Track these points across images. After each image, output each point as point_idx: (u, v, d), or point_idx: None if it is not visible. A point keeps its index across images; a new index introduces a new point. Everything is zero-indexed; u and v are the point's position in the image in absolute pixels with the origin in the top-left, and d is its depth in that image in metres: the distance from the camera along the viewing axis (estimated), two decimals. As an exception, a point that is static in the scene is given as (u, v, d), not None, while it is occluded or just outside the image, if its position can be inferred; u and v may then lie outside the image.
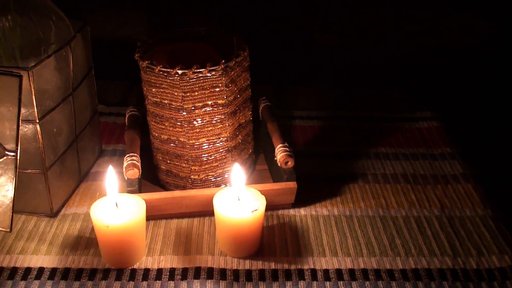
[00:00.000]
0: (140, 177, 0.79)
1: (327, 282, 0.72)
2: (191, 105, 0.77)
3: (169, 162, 0.83)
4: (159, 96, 0.78)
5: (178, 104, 0.77)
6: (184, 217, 0.81)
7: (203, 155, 0.81)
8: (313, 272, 0.73)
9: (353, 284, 0.72)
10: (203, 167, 0.82)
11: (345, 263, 0.75)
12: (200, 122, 0.78)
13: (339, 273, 0.73)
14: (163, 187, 0.86)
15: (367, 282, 0.72)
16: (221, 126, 0.79)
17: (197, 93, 0.76)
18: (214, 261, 0.74)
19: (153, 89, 0.78)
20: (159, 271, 0.73)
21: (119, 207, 0.72)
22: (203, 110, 0.78)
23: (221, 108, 0.78)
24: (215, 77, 0.76)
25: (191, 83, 0.75)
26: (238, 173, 0.74)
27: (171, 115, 0.78)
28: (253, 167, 0.90)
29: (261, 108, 0.93)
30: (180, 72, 0.74)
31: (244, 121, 0.83)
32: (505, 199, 0.89)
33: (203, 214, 0.81)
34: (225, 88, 0.77)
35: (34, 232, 0.78)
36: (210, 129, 0.79)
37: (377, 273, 0.73)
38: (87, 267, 0.73)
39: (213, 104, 0.78)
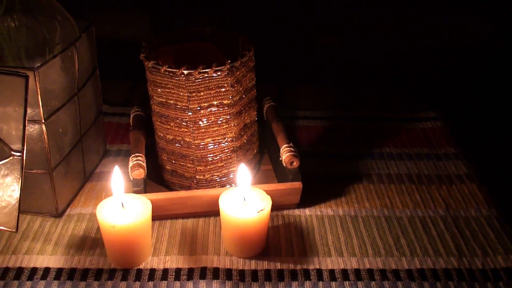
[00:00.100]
0: (145, 177, 0.79)
1: (333, 282, 0.72)
2: (196, 105, 0.77)
3: (174, 162, 0.83)
4: (165, 96, 0.78)
5: (183, 104, 0.77)
6: (189, 217, 0.81)
7: (209, 155, 0.81)
8: (319, 272, 0.73)
9: (359, 284, 0.72)
10: (208, 167, 0.82)
11: (351, 263, 0.75)
12: (205, 122, 0.78)
13: (344, 273, 0.73)
14: (168, 187, 0.86)
15: (373, 282, 0.72)
16: (227, 126, 0.79)
17: (202, 93, 0.76)
18: (219, 261, 0.74)
19: (159, 89, 0.78)
20: (165, 271, 0.73)
21: (125, 207, 0.72)
22: (209, 110, 0.78)
23: (226, 108, 0.78)
24: (220, 77, 0.76)
25: (197, 83, 0.75)
26: (244, 173, 0.74)
27: (177, 115, 0.78)
28: (258, 167, 0.90)
29: (265, 108, 0.93)
30: (186, 72, 0.74)
31: (249, 121, 0.83)
32: (509, 199, 0.89)
33: (208, 214, 0.81)
34: (230, 88, 0.77)
35: (39, 232, 0.78)
36: (215, 129, 0.79)
37: (383, 273, 0.73)
38: (93, 267, 0.73)
39: (218, 104, 0.78)
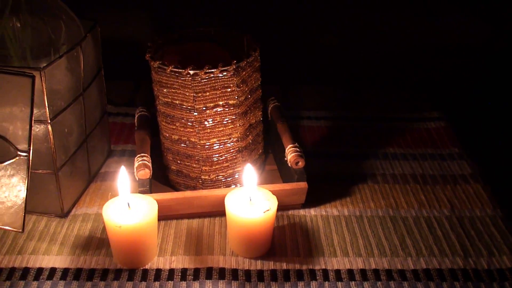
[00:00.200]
0: (151, 177, 0.79)
1: (339, 282, 0.72)
2: (202, 106, 0.77)
3: (179, 162, 0.83)
4: (170, 96, 0.78)
5: (189, 104, 0.77)
6: (194, 217, 0.81)
7: (214, 156, 0.81)
8: (325, 272, 0.73)
9: (365, 284, 0.72)
10: (213, 168, 0.82)
11: (357, 263, 0.75)
12: (211, 122, 0.78)
13: (350, 273, 0.73)
14: (173, 187, 0.86)
15: (379, 282, 0.72)
16: (232, 126, 0.79)
17: (208, 94, 0.76)
18: (225, 261, 0.74)
19: (164, 90, 0.78)
20: (171, 271, 0.73)
21: (131, 207, 0.72)
22: (214, 110, 0.78)
23: (232, 108, 0.78)
24: (226, 77, 0.76)
25: (203, 83, 0.75)
26: (249, 173, 0.74)
27: (182, 116, 0.78)
28: (263, 167, 0.90)
29: (270, 108, 0.93)
30: (191, 72, 0.74)
31: (254, 121, 0.83)
32: (514, 199, 0.89)
33: (213, 214, 0.81)
34: (236, 88, 0.77)
35: (45, 232, 0.78)
36: (221, 129, 0.79)
37: (389, 273, 0.73)
38: (99, 268, 0.73)
39: (224, 104, 0.78)
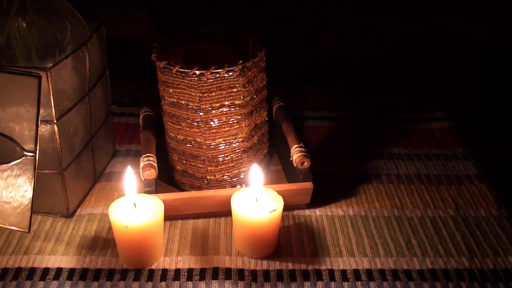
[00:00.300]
0: (156, 177, 0.79)
1: (345, 282, 0.72)
2: (208, 106, 0.77)
3: (185, 162, 0.83)
4: (176, 96, 0.78)
5: (195, 104, 0.77)
6: (199, 218, 0.81)
7: (220, 156, 0.81)
8: (331, 272, 0.73)
9: (371, 284, 0.72)
10: (219, 168, 0.82)
11: (362, 264, 0.75)
12: (217, 122, 0.78)
13: (356, 273, 0.73)
14: (178, 187, 0.86)
15: (385, 282, 0.72)
16: (238, 126, 0.80)
17: (214, 94, 0.76)
18: (231, 262, 0.74)
19: (170, 90, 0.78)
20: (177, 271, 0.73)
21: (137, 207, 0.72)
22: (220, 110, 0.78)
23: (238, 108, 0.78)
24: (232, 77, 0.76)
25: (209, 83, 0.75)
26: (256, 173, 0.74)
27: (188, 116, 0.78)
28: (268, 167, 0.90)
29: (274, 108, 0.93)
30: (198, 72, 0.74)
31: (260, 121, 0.84)
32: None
33: (218, 214, 0.81)
34: (242, 88, 0.77)
35: (50, 232, 0.78)
36: (226, 129, 0.79)
37: (395, 273, 0.73)
38: (105, 268, 0.73)
39: (230, 104, 0.78)
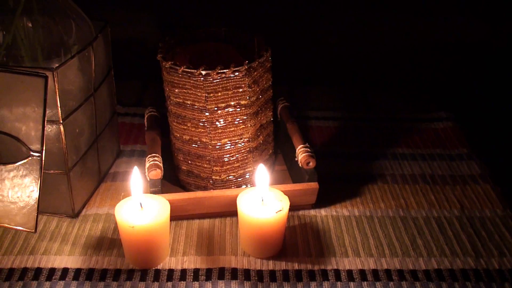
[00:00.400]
0: (162, 177, 0.79)
1: (351, 282, 0.72)
2: (214, 106, 0.77)
3: (190, 162, 0.83)
4: (182, 96, 0.78)
5: (201, 104, 0.77)
6: (205, 218, 0.81)
7: (225, 156, 0.81)
8: (337, 272, 0.73)
9: (377, 284, 0.72)
10: (224, 168, 0.82)
11: (368, 264, 0.75)
12: (222, 122, 0.78)
13: (362, 273, 0.73)
14: (184, 187, 0.86)
15: (391, 282, 0.72)
16: (243, 126, 0.80)
17: (220, 94, 0.76)
18: (237, 262, 0.74)
19: (176, 90, 0.78)
20: (183, 271, 0.73)
21: (144, 207, 0.72)
22: (226, 110, 0.78)
23: (243, 108, 0.78)
24: (238, 77, 0.76)
25: (215, 83, 0.75)
26: (262, 173, 0.74)
27: (194, 116, 0.78)
28: (272, 168, 0.90)
29: (279, 108, 0.93)
30: (204, 72, 0.74)
31: (265, 121, 0.84)
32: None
33: (224, 214, 0.81)
34: (248, 88, 0.77)
35: (56, 232, 0.78)
36: (232, 129, 0.79)
37: (400, 273, 0.73)
38: (111, 268, 0.73)
39: (235, 104, 0.78)
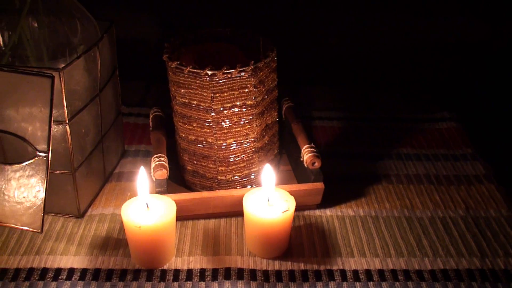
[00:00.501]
0: (167, 177, 0.79)
1: (357, 282, 0.72)
2: (219, 106, 0.77)
3: (196, 162, 0.83)
4: (188, 97, 0.78)
5: (207, 105, 0.77)
6: (210, 218, 0.81)
7: (231, 156, 0.81)
8: (343, 272, 0.73)
9: (383, 284, 0.72)
10: (230, 168, 0.82)
11: (374, 264, 0.75)
12: (228, 123, 0.78)
13: (368, 273, 0.73)
14: (189, 187, 0.86)
15: (397, 282, 0.72)
16: (249, 127, 0.80)
17: (226, 94, 0.76)
18: (243, 262, 0.74)
19: (182, 90, 0.78)
20: (189, 271, 0.73)
21: (150, 207, 0.72)
22: (232, 111, 0.78)
23: (249, 109, 0.78)
24: (244, 78, 0.76)
25: (221, 84, 0.75)
26: (268, 173, 0.74)
27: (200, 116, 0.78)
28: (277, 168, 0.90)
29: (284, 108, 0.93)
30: (210, 73, 0.75)
31: (270, 121, 0.84)
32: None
33: (229, 214, 0.81)
34: (253, 89, 0.77)
35: (62, 232, 0.78)
36: (238, 129, 0.79)
37: (406, 273, 0.73)
38: (117, 268, 0.73)
39: (241, 105, 0.78)
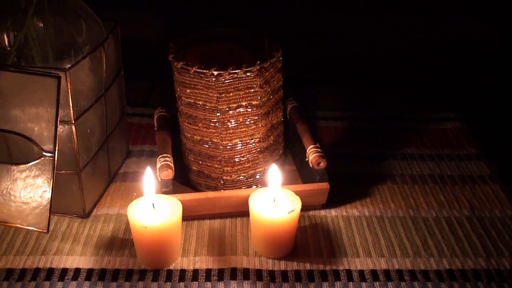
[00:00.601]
0: (173, 178, 0.79)
1: (363, 283, 0.72)
2: (225, 106, 0.77)
3: (201, 163, 0.83)
4: (193, 97, 0.78)
5: (212, 105, 0.77)
6: (215, 218, 0.81)
7: (236, 156, 0.81)
8: (348, 272, 0.73)
9: (389, 284, 0.72)
10: (235, 168, 0.82)
11: (380, 264, 0.75)
12: (233, 123, 0.78)
13: (374, 273, 0.73)
14: (194, 188, 0.86)
15: (403, 282, 0.72)
16: (255, 127, 0.80)
17: (231, 94, 0.76)
18: (249, 262, 0.74)
19: (188, 90, 0.78)
20: (195, 272, 0.73)
21: (156, 208, 0.72)
22: (237, 111, 0.78)
23: (255, 109, 0.78)
24: (250, 78, 0.76)
25: (226, 84, 0.75)
26: (274, 174, 0.74)
27: (205, 116, 0.78)
28: (282, 168, 0.90)
29: (289, 108, 0.93)
30: (215, 73, 0.75)
31: (276, 122, 0.84)
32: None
33: (234, 215, 0.81)
34: (259, 89, 0.77)
35: (67, 233, 0.78)
36: (243, 130, 0.79)
37: (412, 273, 0.73)
38: (123, 268, 0.73)
39: (247, 105, 0.78)
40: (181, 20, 1.16)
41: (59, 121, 0.71)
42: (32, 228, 0.72)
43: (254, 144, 0.81)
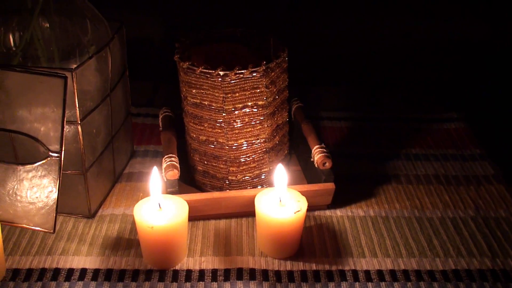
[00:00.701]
0: (179, 178, 0.79)
1: (369, 283, 0.72)
2: (231, 106, 0.77)
3: (206, 163, 0.83)
4: (199, 97, 0.78)
5: (218, 105, 0.77)
6: (221, 218, 0.81)
7: (242, 156, 0.81)
8: (354, 273, 0.73)
9: (395, 285, 0.72)
10: (240, 168, 0.82)
11: (385, 264, 0.75)
12: (239, 123, 0.78)
13: (380, 274, 0.73)
14: (199, 188, 0.86)
15: (409, 283, 0.72)
16: (260, 127, 0.80)
17: (237, 94, 0.76)
18: (255, 262, 0.74)
19: (193, 90, 0.78)
20: (201, 272, 0.73)
21: (162, 208, 0.72)
22: (243, 111, 0.78)
23: (260, 109, 0.78)
24: (256, 78, 0.76)
25: (232, 84, 0.75)
26: (280, 174, 0.74)
27: (211, 116, 0.78)
28: (287, 168, 0.90)
29: (293, 109, 0.93)
30: (222, 73, 0.75)
31: (281, 122, 0.84)
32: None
33: (240, 215, 0.81)
34: (265, 89, 0.77)
35: (73, 233, 0.78)
36: (249, 130, 0.79)
37: (418, 274, 0.73)
38: (129, 268, 0.73)
39: (253, 105, 0.78)
40: (186, 20, 1.16)
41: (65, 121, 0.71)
42: (38, 228, 0.72)
43: (259, 144, 0.81)
